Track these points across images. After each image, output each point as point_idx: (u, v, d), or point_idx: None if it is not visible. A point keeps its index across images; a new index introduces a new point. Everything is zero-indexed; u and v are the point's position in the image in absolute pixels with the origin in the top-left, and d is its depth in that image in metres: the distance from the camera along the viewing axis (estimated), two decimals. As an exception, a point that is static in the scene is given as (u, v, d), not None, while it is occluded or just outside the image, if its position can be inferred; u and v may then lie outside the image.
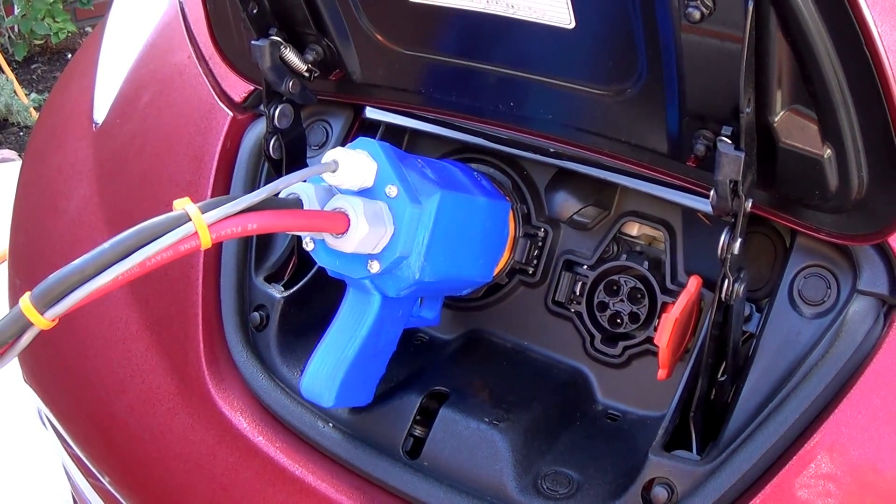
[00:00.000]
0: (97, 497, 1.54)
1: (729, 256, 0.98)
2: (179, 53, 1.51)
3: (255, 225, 0.89)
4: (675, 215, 1.24)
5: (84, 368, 1.43)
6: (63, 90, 1.78)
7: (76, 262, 0.79)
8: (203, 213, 0.84)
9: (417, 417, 1.16)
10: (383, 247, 1.02)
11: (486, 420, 1.13)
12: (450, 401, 1.16)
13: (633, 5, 0.92)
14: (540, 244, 1.29)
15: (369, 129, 1.36)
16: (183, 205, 0.84)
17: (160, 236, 0.82)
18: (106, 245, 0.80)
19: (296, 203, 0.97)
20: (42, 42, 5.27)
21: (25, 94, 4.81)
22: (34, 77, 5.18)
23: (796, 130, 0.93)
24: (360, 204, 0.99)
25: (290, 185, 0.96)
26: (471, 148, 1.32)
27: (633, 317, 1.24)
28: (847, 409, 0.98)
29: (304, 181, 0.99)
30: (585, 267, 1.28)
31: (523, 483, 1.09)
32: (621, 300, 1.25)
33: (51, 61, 5.33)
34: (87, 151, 1.56)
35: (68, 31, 5.13)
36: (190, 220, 0.83)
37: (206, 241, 0.84)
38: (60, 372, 1.48)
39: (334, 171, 0.99)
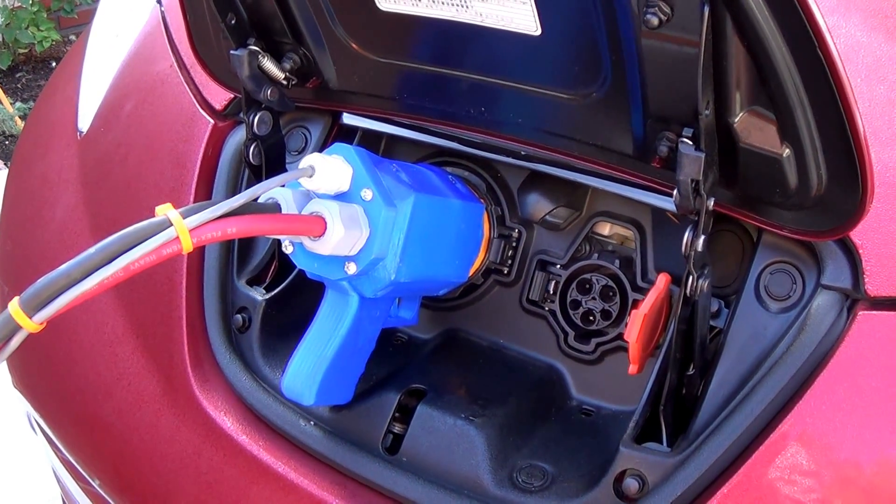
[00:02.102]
0: (87, 500, 1.54)
1: (692, 253, 1.00)
2: (162, 62, 1.52)
3: (235, 229, 0.90)
4: (645, 215, 1.25)
5: (72, 373, 1.43)
6: (48, 99, 1.79)
7: (63, 266, 0.80)
8: (184, 218, 0.86)
9: (396, 414, 1.18)
10: (359, 249, 1.04)
11: (463, 416, 1.15)
12: (427, 398, 1.18)
13: (596, 13, 0.94)
14: (514, 245, 1.31)
15: (347, 134, 1.37)
16: (165, 210, 0.86)
17: (143, 241, 0.83)
18: (91, 250, 0.82)
19: (274, 207, 0.99)
20: (26, 51, 5.24)
21: (10, 104, 4.79)
22: (19, 86, 5.16)
23: (756, 131, 0.95)
24: (336, 207, 1.01)
25: (269, 190, 0.98)
26: (445, 152, 1.33)
27: (605, 314, 1.26)
28: (812, 399, 1.00)
29: (282, 186, 1.00)
30: (558, 266, 1.29)
31: (499, 476, 1.11)
32: (593, 298, 1.26)
33: (35, 70, 5.31)
34: (73, 159, 1.57)
35: (52, 40, 5.10)
36: (171, 225, 0.85)
37: (187, 245, 0.85)
38: (49, 377, 1.49)
39: (311, 176, 1.00)
